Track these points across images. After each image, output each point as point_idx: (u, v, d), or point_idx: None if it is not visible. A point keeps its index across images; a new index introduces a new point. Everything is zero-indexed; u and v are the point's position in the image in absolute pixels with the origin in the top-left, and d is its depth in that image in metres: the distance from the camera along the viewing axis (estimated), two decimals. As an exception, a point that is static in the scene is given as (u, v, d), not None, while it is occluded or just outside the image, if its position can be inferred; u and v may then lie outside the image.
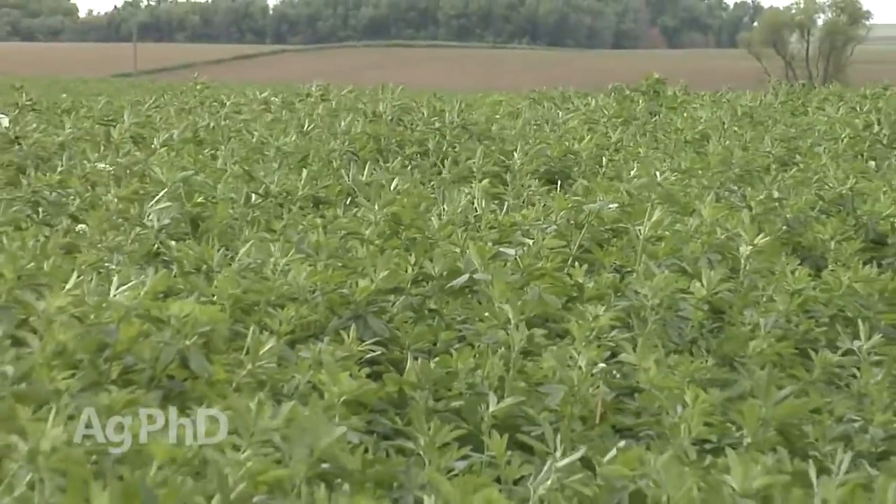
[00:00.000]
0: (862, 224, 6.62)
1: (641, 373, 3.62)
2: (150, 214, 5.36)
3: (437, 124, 10.14)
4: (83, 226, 5.29)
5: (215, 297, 4.07)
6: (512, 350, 3.80)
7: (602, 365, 3.60)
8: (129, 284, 3.41)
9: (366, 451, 3.08)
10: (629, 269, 5.26)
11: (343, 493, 2.49)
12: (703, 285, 4.72)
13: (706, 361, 4.12)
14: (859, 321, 4.38)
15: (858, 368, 4.14)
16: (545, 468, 2.79)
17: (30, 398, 2.64)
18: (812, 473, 2.74)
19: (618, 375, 3.93)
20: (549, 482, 2.75)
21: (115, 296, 3.37)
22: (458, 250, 5.02)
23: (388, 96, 11.16)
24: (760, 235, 5.20)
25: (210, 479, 2.42)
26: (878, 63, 58.68)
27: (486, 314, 4.16)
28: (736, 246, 5.36)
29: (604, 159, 8.80)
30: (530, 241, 5.15)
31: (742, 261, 5.18)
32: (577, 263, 5.17)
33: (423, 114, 10.74)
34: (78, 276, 3.41)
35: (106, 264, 4.56)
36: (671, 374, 3.68)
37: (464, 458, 3.07)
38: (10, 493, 2.28)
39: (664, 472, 2.67)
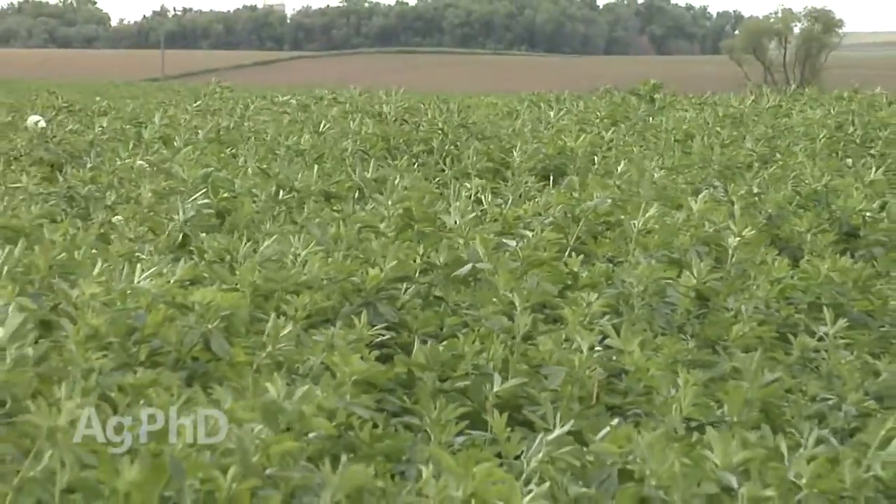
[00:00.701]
0: (836, 218, 6.60)
1: (626, 356, 3.61)
2: (182, 209, 5.36)
3: (440, 125, 10.10)
4: (119, 217, 5.28)
5: (237, 285, 4.06)
6: (517, 334, 3.79)
7: (599, 349, 3.59)
8: (151, 271, 3.42)
9: (375, 426, 3.08)
10: (621, 260, 5.25)
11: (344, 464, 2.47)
12: (693, 275, 4.70)
13: (688, 344, 4.10)
14: (825, 308, 4.36)
15: (827, 351, 4.13)
16: (537, 442, 2.78)
17: (53, 377, 2.63)
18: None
19: (614, 358, 3.91)
20: (540, 455, 2.74)
21: (139, 283, 3.38)
22: (461, 241, 5.01)
23: (392, 99, 11.12)
24: (747, 228, 5.18)
25: (226, 454, 2.40)
26: (850, 68, 58.48)
27: (494, 300, 4.15)
28: (722, 238, 5.35)
29: (596, 157, 8.76)
30: (531, 234, 5.14)
31: (729, 251, 5.17)
32: (573, 254, 5.16)
33: (428, 115, 10.71)
34: (109, 266, 3.41)
35: (137, 254, 4.56)
36: (655, 356, 3.67)
37: (461, 433, 3.06)
38: (37, 465, 2.26)
39: (649, 449, 2.67)
